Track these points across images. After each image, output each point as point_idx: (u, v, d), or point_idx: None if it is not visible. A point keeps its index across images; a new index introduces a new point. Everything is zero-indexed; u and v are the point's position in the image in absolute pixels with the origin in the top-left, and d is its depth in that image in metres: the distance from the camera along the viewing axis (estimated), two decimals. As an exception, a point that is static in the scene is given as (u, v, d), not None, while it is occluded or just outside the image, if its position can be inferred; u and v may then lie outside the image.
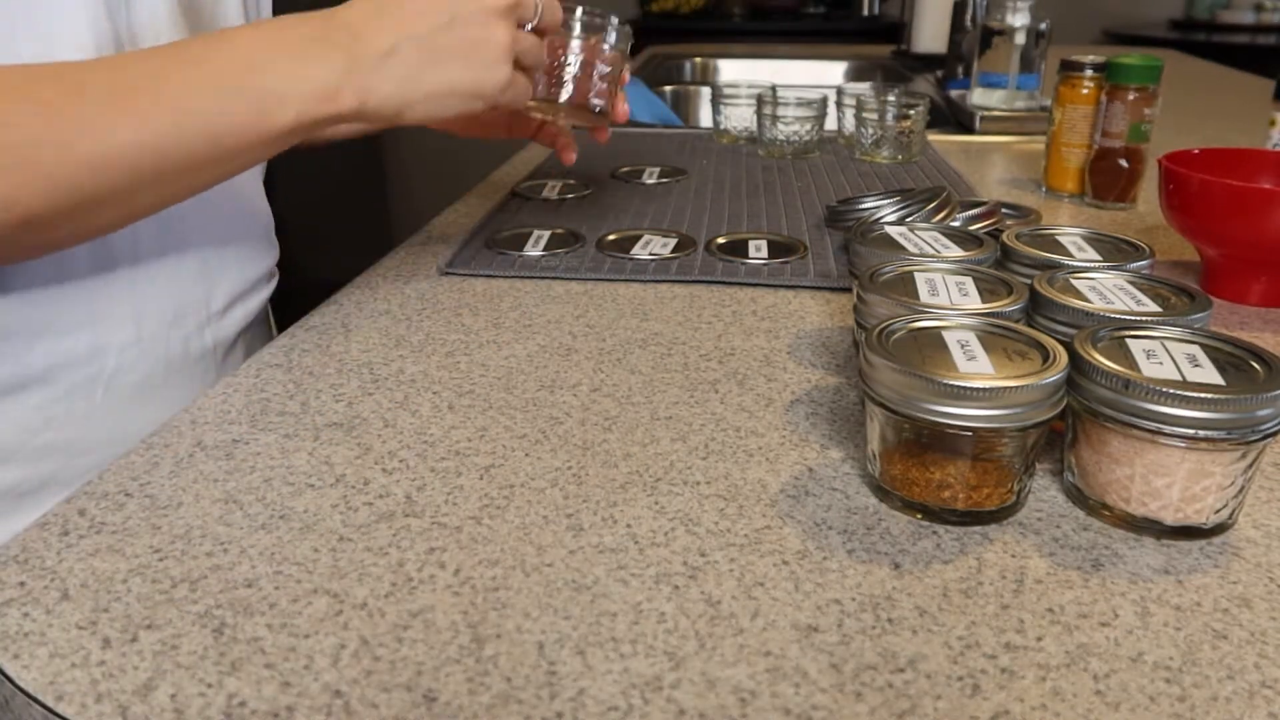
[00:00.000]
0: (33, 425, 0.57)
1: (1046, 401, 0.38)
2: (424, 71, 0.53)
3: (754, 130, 1.14)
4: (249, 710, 0.31)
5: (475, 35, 0.54)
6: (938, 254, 0.54)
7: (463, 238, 0.79)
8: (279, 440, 0.47)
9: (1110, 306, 0.45)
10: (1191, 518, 0.39)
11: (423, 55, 0.53)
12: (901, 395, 0.39)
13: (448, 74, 0.54)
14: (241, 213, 0.67)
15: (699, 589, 0.36)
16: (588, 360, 0.56)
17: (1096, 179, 0.89)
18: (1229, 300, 0.67)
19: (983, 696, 0.31)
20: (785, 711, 0.31)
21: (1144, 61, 0.84)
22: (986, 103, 1.25)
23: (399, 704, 0.31)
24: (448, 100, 0.55)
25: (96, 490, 0.43)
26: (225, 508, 0.41)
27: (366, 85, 0.52)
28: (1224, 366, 0.40)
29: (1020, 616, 0.35)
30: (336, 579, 0.37)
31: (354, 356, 0.57)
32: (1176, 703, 0.31)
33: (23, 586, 0.36)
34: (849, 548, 0.39)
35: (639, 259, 0.73)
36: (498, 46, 0.55)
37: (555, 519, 0.41)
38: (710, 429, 0.48)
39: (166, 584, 0.36)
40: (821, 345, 0.59)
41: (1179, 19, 3.37)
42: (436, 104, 0.55)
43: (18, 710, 0.31)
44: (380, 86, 0.52)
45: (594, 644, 0.33)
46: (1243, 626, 0.35)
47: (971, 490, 0.40)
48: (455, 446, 0.47)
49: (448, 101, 0.55)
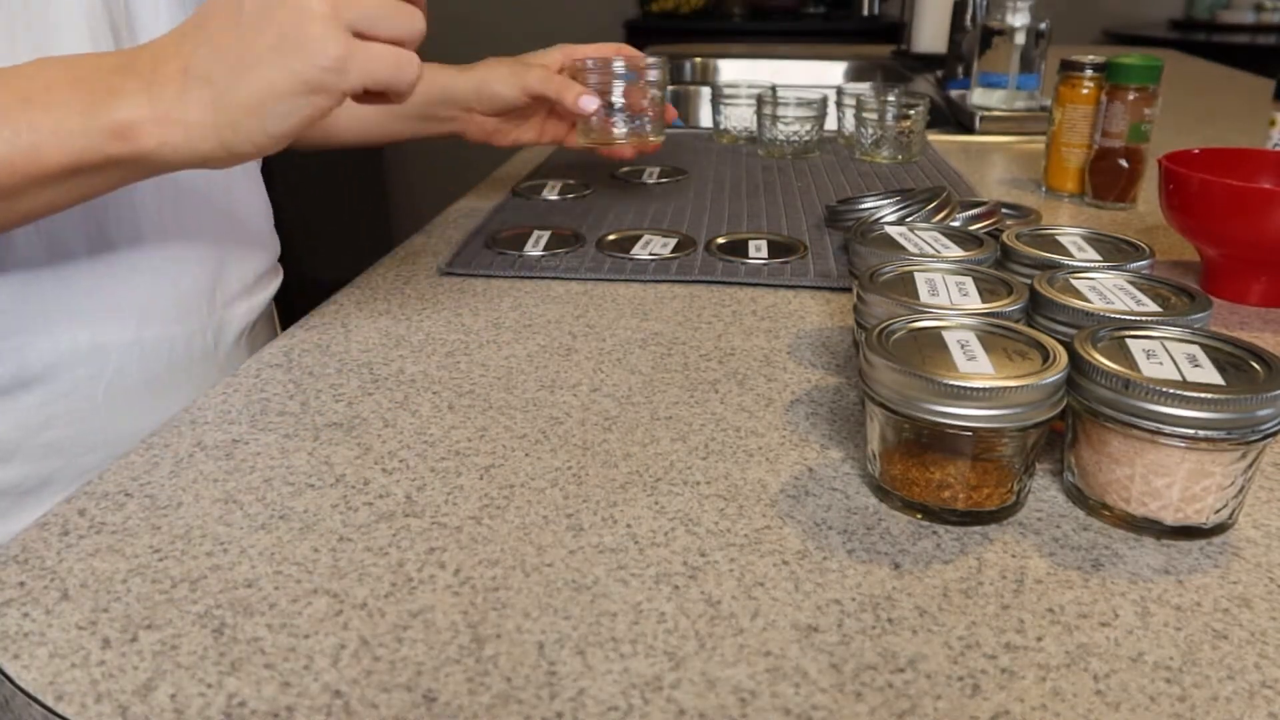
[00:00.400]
0: (33, 424, 0.57)
1: (1046, 401, 0.38)
2: (233, 82, 0.44)
3: (754, 130, 1.14)
4: (249, 710, 0.31)
5: (277, 15, 0.44)
6: (938, 254, 0.54)
7: (463, 238, 0.79)
8: (279, 440, 0.47)
9: (1110, 306, 0.45)
10: (1191, 518, 0.39)
11: (226, 63, 0.44)
12: (901, 395, 0.39)
13: (262, 75, 0.44)
14: (241, 209, 0.67)
15: (699, 589, 0.36)
16: (588, 360, 0.56)
17: (1096, 179, 0.89)
18: (1229, 300, 0.67)
19: (983, 696, 0.31)
20: (785, 711, 0.31)
21: (1144, 61, 0.84)
22: (986, 103, 1.25)
23: (399, 704, 0.31)
24: (277, 107, 0.44)
25: (96, 490, 0.43)
26: (225, 508, 0.41)
27: (169, 116, 0.44)
28: (1224, 366, 0.40)
29: (1020, 616, 0.35)
30: (336, 579, 0.37)
31: (354, 356, 0.57)
32: (1176, 703, 0.31)
33: (23, 586, 0.36)
34: (849, 548, 0.39)
35: (639, 259, 0.73)
36: (311, 16, 0.43)
37: (555, 519, 0.41)
38: (710, 429, 0.48)
39: (166, 584, 0.36)
40: (821, 345, 0.59)
41: (1179, 19, 3.37)
42: (267, 118, 0.44)
43: (18, 710, 0.31)
44: (186, 114, 0.44)
45: (594, 644, 0.33)
46: (1243, 626, 0.35)
47: (971, 490, 0.40)
48: (455, 446, 0.47)
49: (278, 109, 0.44)
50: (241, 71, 0.43)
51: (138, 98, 0.44)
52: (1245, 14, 3.19)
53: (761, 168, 1.05)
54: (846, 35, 3.13)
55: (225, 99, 0.44)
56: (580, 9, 3.68)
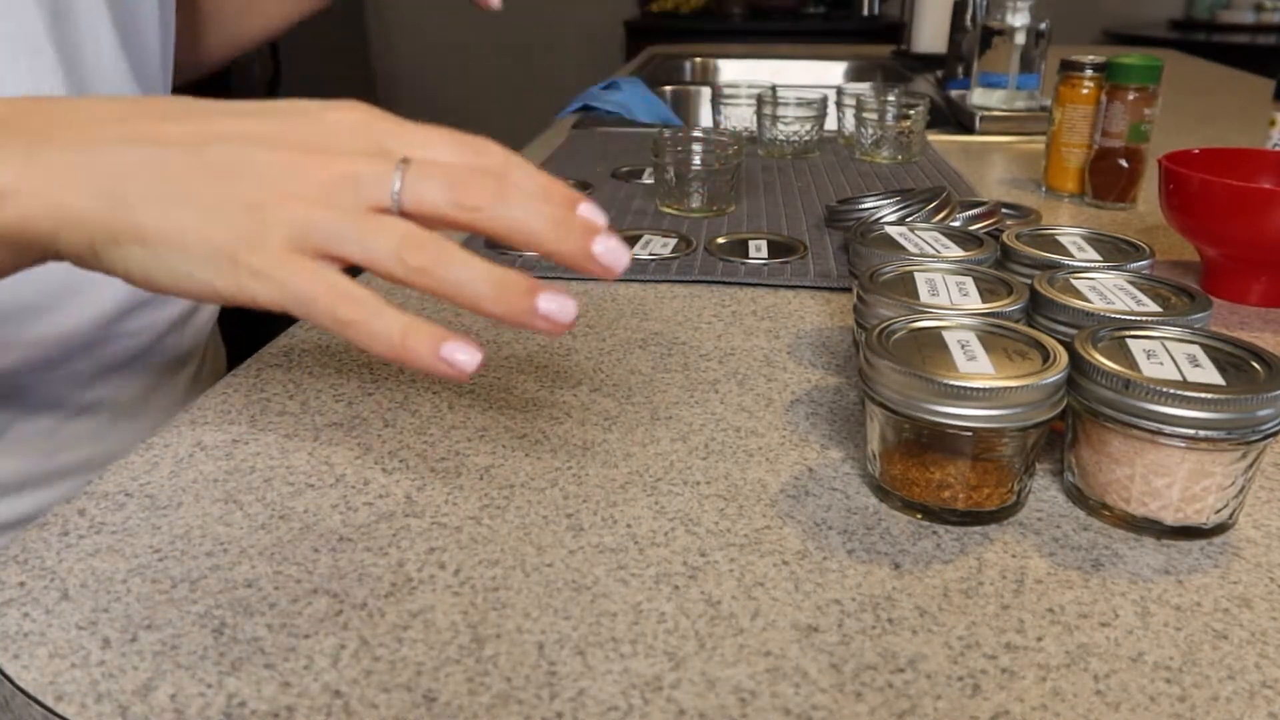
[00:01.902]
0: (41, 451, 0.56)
1: (1046, 401, 0.38)
2: (144, 197, 0.33)
3: (754, 130, 1.14)
4: (249, 710, 0.31)
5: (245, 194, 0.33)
6: (938, 254, 0.54)
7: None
8: (279, 440, 0.47)
9: (1110, 306, 0.45)
10: (1192, 518, 0.39)
11: (152, 175, 0.33)
12: (901, 395, 0.39)
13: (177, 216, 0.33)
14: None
15: (699, 589, 0.36)
16: (588, 360, 0.56)
17: (1096, 179, 0.89)
18: (1229, 300, 0.67)
19: (983, 696, 0.31)
20: (785, 711, 0.31)
21: (1144, 61, 0.83)
22: (986, 103, 1.25)
23: (399, 704, 0.31)
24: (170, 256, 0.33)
25: (96, 490, 0.43)
26: (225, 508, 0.41)
27: (50, 191, 0.33)
28: (1224, 366, 0.40)
29: (1020, 616, 0.35)
30: (336, 579, 0.37)
31: (354, 356, 0.57)
32: (1176, 703, 0.31)
33: (23, 586, 0.36)
34: (849, 548, 0.39)
35: (639, 259, 0.73)
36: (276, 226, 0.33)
37: (555, 519, 0.41)
38: (710, 429, 0.48)
39: (166, 584, 0.36)
40: (821, 345, 0.59)
41: (1179, 19, 3.37)
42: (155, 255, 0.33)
43: (18, 710, 0.31)
44: (73, 198, 0.33)
45: (594, 644, 0.33)
46: (1243, 626, 0.35)
47: (971, 490, 0.40)
48: (455, 446, 0.47)
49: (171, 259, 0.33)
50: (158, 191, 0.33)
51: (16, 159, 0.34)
52: (1245, 14, 3.19)
53: (761, 168, 1.05)
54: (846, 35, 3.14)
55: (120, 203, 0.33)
56: (580, 9, 3.68)
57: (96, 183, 0.33)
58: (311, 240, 0.33)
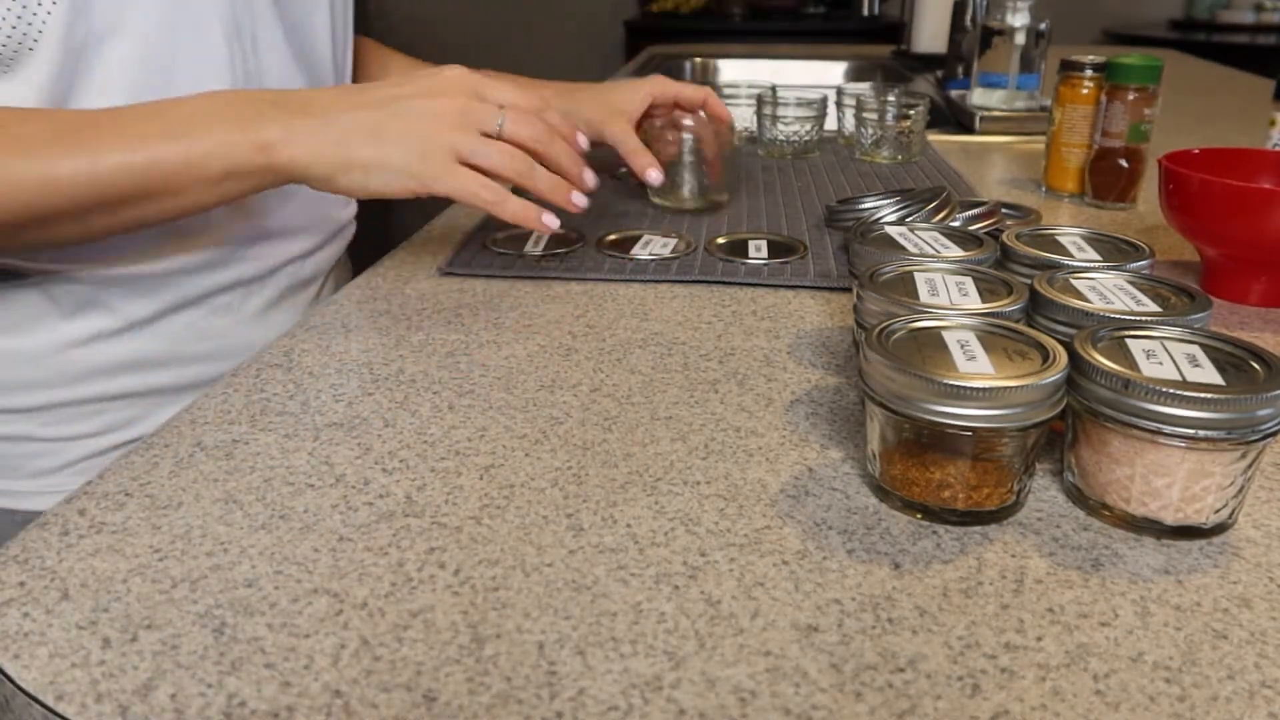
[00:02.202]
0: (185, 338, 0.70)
1: (1046, 401, 0.38)
2: (361, 143, 0.57)
3: (754, 130, 1.14)
4: (249, 710, 0.31)
5: (417, 130, 0.58)
6: (938, 254, 0.54)
7: (462, 238, 0.79)
8: (279, 440, 0.47)
9: (1110, 306, 0.45)
10: (1191, 518, 0.39)
11: (363, 130, 0.57)
12: (901, 395, 0.39)
13: (382, 151, 0.57)
14: None
15: (699, 589, 0.36)
16: (588, 360, 0.56)
17: (1096, 179, 0.89)
18: (1229, 300, 0.67)
19: (983, 696, 0.31)
20: (785, 711, 0.31)
21: (1144, 61, 0.84)
22: (986, 103, 1.25)
23: (399, 704, 0.31)
24: (381, 174, 0.58)
25: (96, 490, 0.43)
26: (225, 508, 0.41)
27: (301, 141, 0.56)
28: (1224, 366, 0.40)
29: (1020, 616, 0.35)
30: (336, 579, 0.37)
31: (354, 356, 0.57)
32: (1176, 703, 0.31)
33: (23, 586, 0.36)
34: (849, 548, 0.39)
35: (639, 259, 0.73)
36: (439, 147, 0.58)
37: (555, 519, 0.41)
38: (710, 429, 0.48)
39: (166, 584, 0.36)
40: (821, 345, 0.59)
41: (1179, 19, 3.37)
42: (371, 175, 0.58)
43: (18, 710, 0.31)
44: (313, 144, 0.57)
45: (594, 644, 0.33)
46: (1243, 626, 0.35)
47: (971, 490, 0.40)
48: (455, 446, 0.47)
49: (381, 175, 0.58)
50: (371, 141, 0.57)
51: (282, 124, 0.57)
52: (1245, 14, 3.19)
53: (761, 168, 1.05)
54: (846, 35, 3.13)
55: (345, 147, 0.57)
56: (580, 9, 3.68)
57: (333, 135, 0.57)
58: (460, 154, 0.58)
